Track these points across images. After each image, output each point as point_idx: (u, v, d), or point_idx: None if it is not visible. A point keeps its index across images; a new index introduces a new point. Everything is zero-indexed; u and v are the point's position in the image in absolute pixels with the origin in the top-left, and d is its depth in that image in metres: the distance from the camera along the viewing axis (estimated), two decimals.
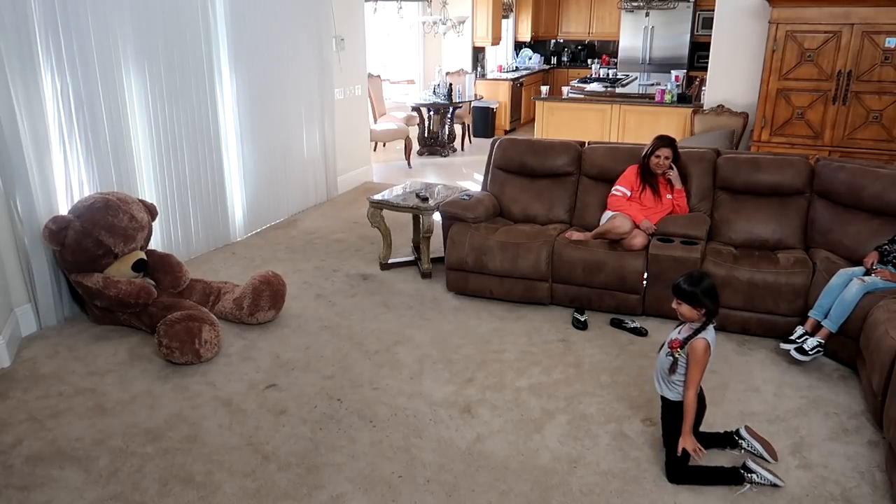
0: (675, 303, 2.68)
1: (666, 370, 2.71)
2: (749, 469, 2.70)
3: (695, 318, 2.65)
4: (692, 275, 2.66)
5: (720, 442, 2.91)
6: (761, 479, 2.67)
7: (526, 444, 2.98)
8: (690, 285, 2.61)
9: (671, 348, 2.69)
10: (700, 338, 2.61)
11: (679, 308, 2.67)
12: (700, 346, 2.60)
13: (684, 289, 2.62)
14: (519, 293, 4.35)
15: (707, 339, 2.62)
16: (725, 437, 2.91)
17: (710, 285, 2.63)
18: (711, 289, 2.63)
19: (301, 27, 6.04)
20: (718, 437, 2.92)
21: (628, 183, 4.38)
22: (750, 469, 2.70)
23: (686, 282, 2.63)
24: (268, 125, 5.82)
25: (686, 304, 2.64)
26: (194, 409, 3.24)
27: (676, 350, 2.66)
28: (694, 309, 2.63)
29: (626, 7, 10.71)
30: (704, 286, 2.61)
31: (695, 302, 2.61)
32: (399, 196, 4.98)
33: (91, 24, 4.09)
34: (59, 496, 2.67)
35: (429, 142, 9.14)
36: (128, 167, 4.49)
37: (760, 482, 2.67)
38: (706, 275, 2.68)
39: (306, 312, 4.29)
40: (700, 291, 2.60)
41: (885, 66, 5.45)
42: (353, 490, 2.70)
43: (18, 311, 3.92)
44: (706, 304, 2.61)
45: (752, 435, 2.87)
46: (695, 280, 2.63)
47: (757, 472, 2.69)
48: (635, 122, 7.19)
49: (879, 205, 3.95)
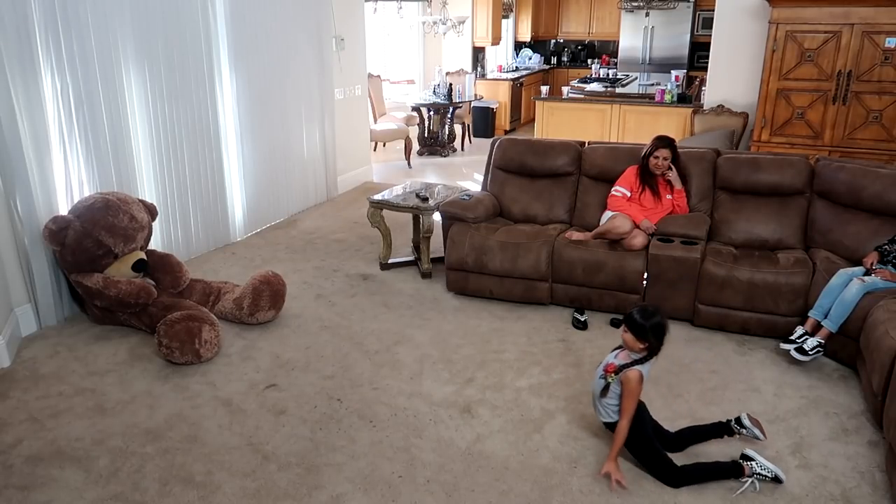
0: (623, 329, 2.75)
1: (599, 393, 2.78)
2: (748, 457, 2.70)
3: (635, 348, 2.70)
4: (646, 308, 2.72)
5: (716, 432, 2.91)
6: (762, 469, 2.67)
7: (526, 444, 2.98)
8: (642, 318, 2.67)
9: (605, 372, 2.74)
10: (635, 369, 2.67)
11: (624, 335, 2.74)
12: (634, 377, 2.66)
13: (635, 319, 2.68)
14: (519, 293, 4.35)
15: (642, 371, 2.67)
16: (720, 427, 2.91)
17: (660, 324, 2.67)
18: (660, 327, 2.67)
19: (301, 27, 6.04)
20: (713, 429, 2.92)
21: (628, 183, 4.38)
22: (749, 457, 2.70)
23: (639, 313, 2.70)
24: (268, 125, 5.83)
25: (632, 333, 2.70)
26: (194, 409, 3.24)
27: (610, 375, 2.72)
28: (637, 341, 2.68)
29: (626, 7, 10.71)
30: (654, 322, 2.66)
31: (641, 335, 2.67)
32: (399, 196, 4.98)
33: (91, 24, 4.09)
34: (59, 496, 2.67)
35: (429, 142, 9.14)
36: (128, 167, 4.49)
37: (762, 472, 2.66)
38: (660, 313, 2.73)
39: (306, 312, 4.29)
40: (648, 326, 2.66)
41: (885, 66, 5.45)
42: (353, 490, 2.71)
43: (18, 311, 3.92)
44: (651, 340, 2.67)
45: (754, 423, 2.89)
46: (648, 314, 2.68)
47: (757, 459, 2.69)
48: (635, 123, 7.19)
49: (879, 205, 3.95)
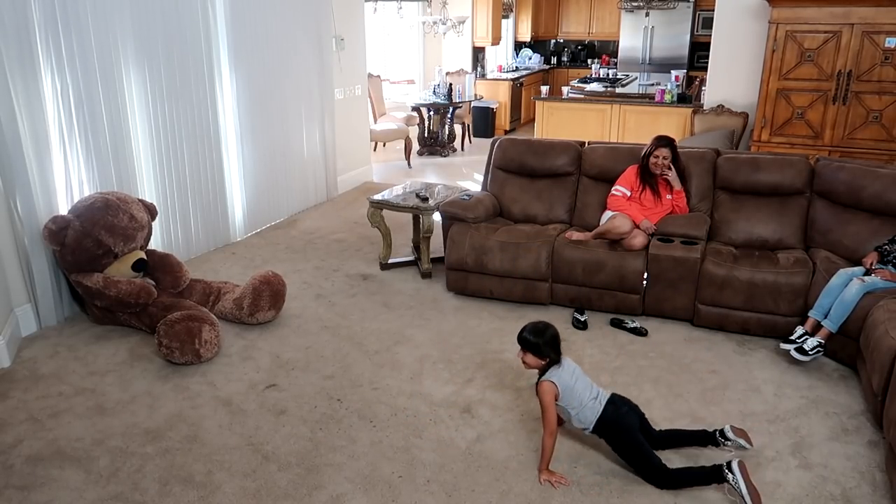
0: (520, 352, 2.80)
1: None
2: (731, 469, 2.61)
3: (538, 366, 2.78)
4: (536, 326, 2.79)
5: (699, 440, 2.88)
6: (735, 485, 2.56)
7: (526, 444, 2.98)
8: (535, 336, 2.74)
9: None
10: (544, 380, 2.73)
11: (524, 357, 2.79)
12: (542, 388, 2.74)
13: (531, 340, 2.74)
14: (519, 293, 4.35)
15: (551, 380, 2.72)
16: (705, 436, 2.87)
17: (553, 336, 2.77)
18: (554, 339, 2.77)
19: (301, 27, 6.04)
20: (696, 436, 2.89)
21: (628, 183, 4.38)
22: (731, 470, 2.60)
23: (531, 333, 2.76)
24: (268, 125, 5.83)
25: (531, 353, 2.76)
26: (194, 409, 3.24)
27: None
28: (537, 358, 2.76)
29: (626, 7, 10.71)
30: (548, 336, 2.74)
31: (539, 352, 2.74)
32: (399, 196, 4.97)
33: (91, 24, 4.09)
34: (59, 496, 2.67)
35: (429, 142, 9.14)
36: (128, 167, 4.49)
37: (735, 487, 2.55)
38: (549, 326, 2.80)
39: (306, 312, 4.29)
40: (543, 342, 2.73)
41: (885, 66, 5.45)
42: (353, 490, 2.70)
43: (18, 311, 3.92)
44: (549, 354, 2.75)
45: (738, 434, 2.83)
46: (538, 331, 2.75)
47: (735, 474, 2.58)
48: (635, 122, 7.19)
49: (879, 205, 3.95)
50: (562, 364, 2.78)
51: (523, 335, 2.78)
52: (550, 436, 2.73)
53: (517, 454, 2.92)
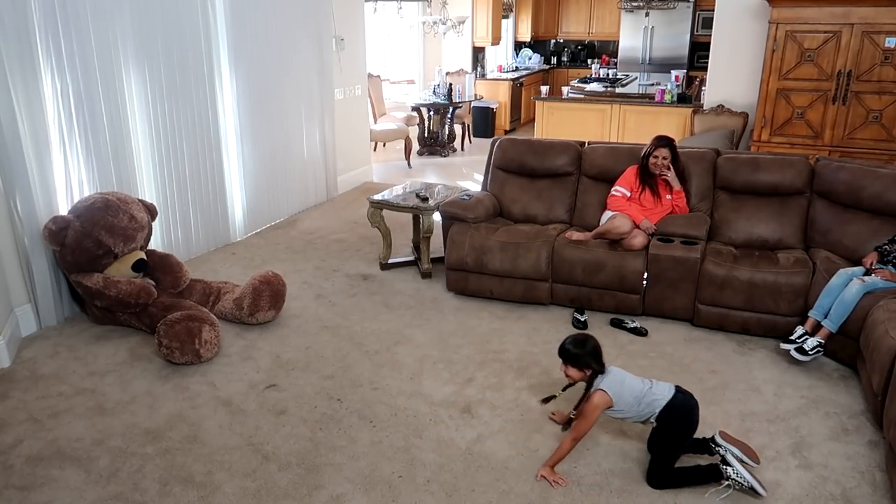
0: (562, 366, 2.80)
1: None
2: (727, 462, 2.66)
3: (582, 378, 2.76)
4: (577, 338, 2.78)
5: (696, 448, 2.84)
6: (736, 475, 2.61)
7: (526, 444, 2.98)
8: (576, 348, 2.73)
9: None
10: (596, 390, 2.71)
11: (566, 371, 2.78)
12: (593, 399, 2.70)
13: (573, 352, 2.73)
14: (519, 293, 4.35)
15: (599, 389, 2.70)
16: (701, 443, 2.84)
17: (594, 347, 2.76)
18: (595, 351, 2.75)
19: (301, 27, 6.04)
20: (693, 443, 2.85)
21: (628, 183, 4.38)
22: (727, 462, 2.65)
23: (572, 345, 2.75)
24: (268, 125, 5.83)
25: (571, 366, 2.75)
26: (194, 409, 3.24)
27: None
28: (579, 370, 2.74)
29: (626, 7, 10.71)
30: (589, 348, 2.73)
31: (581, 364, 2.73)
32: (399, 196, 4.98)
33: (91, 24, 4.09)
34: (59, 496, 2.67)
35: (429, 142, 9.14)
36: (128, 167, 4.49)
37: (736, 478, 2.60)
38: (590, 337, 2.80)
39: (306, 312, 4.29)
40: (583, 353, 2.72)
41: (885, 66, 5.45)
42: (353, 490, 2.70)
43: (18, 311, 3.92)
44: (591, 365, 2.73)
45: (728, 440, 2.78)
46: (579, 343, 2.74)
47: (734, 465, 2.63)
48: (635, 122, 7.19)
49: (879, 205, 3.95)
50: (607, 372, 2.75)
51: (564, 347, 2.77)
52: (574, 441, 2.71)
53: (517, 454, 2.92)
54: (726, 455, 2.69)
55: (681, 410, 2.71)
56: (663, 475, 2.71)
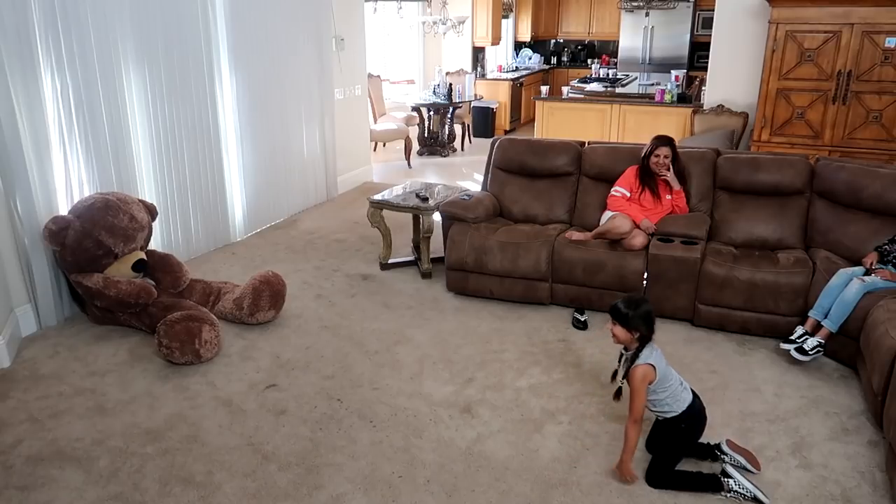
0: (610, 323, 2.72)
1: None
2: (727, 474, 2.66)
3: (629, 341, 2.68)
4: (632, 298, 2.71)
5: (701, 453, 2.85)
6: (739, 487, 2.61)
7: (526, 444, 2.98)
8: (627, 308, 2.66)
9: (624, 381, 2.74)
10: (637, 365, 2.63)
11: (613, 328, 2.71)
12: (637, 373, 2.63)
13: (623, 311, 2.66)
14: (519, 293, 4.35)
15: (648, 363, 2.63)
16: (706, 448, 2.84)
17: (648, 311, 2.67)
18: (648, 314, 2.66)
19: (301, 27, 6.04)
20: (698, 448, 2.85)
21: (627, 184, 4.38)
22: (728, 474, 2.65)
23: (625, 304, 2.68)
24: (268, 125, 5.83)
25: (620, 325, 2.68)
26: (194, 409, 3.24)
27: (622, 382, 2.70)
28: (627, 332, 2.67)
29: (626, 7, 10.71)
30: (642, 311, 2.66)
31: (629, 324, 2.65)
32: (399, 196, 4.98)
33: (91, 24, 4.09)
34: (59, 496, 2.67)
35: (429, 142, 9.14)
36: (128, 167, 4.49)
37: (739, 490, 2.61)
38: (645, 300, 2.73)
39: (306, 312, 4.29)
40: (636, 315, 2.64)
41: (885, 66, 5.45)
42: (353, 490, 2.70)
43: (18, 311, 3.92)
44: (640, 329, 2.65)
45: (734, 449, 2.79)
46: (633, 303, 2.67)
47: (735, 477, 2.64)
48: (635, 122, 7.19)
49: (879, 205, 3.95)
50: (653, 346, 2.67)
51: (616, 305, 2.67)
52: (636, 424, 2.63)
53: (517, 454, 2.92)
54: (726, 467, 2.68)
55: (696, 416, 2.72)
56: (664, 475, 2.71)
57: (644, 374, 2.62)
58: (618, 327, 2.69)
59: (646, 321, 2.65)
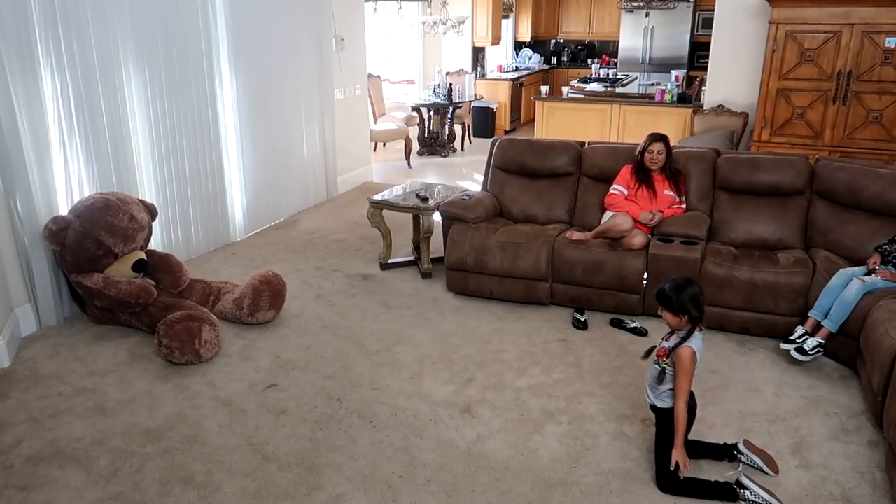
0: (660, 309, 2.67)
1: (655, 379, 2.70)
2: (742, 485, 2.63)
3: (679, 324, 2.64)
4: (677, 281, 2.64)
5: (717, 454, 2.84)
6: (756, 498, 2.59)
7: (526, 444, 2.98)
8: (673, 292, 2.60)
9: (658, 357, 2.68)
10: (686, 346, 2.59)
11: (664, 314, 2.66)
12: (686, 354, 2.58)
13: (668, 295, 2.61)
14: (519, 293, 4.35)
15: (693, 347, 2.59)
16: (723, 449, 2.84)
17: (695, 293, 2.60)
18: (696, 296, 2.60)
19: (301, 27, 6.04)
20: (715, 449, 2.85)
21: (624, 181, 4.39)
22: (743, 485, 2.63)
23: (670, 288, 2.62)
24: (268, 125, 5.83)
25: (669, 311, 2.63)
26: (194, 409, 3.24)
27: (663, 360, 2.65)
28: (677, 316, 2.62)
29: (626, 7, 10.71)
30: (689, 294, 2.59)
31: (678, 309, 2.60)
32: (399, 196, 4.98)
33: (91, 24, 4.09)
34: (59, 496, 2.67)
35: (429, 142, 9.14)
36: (128, 167, 4.49)
37: (754, 500, 2.59)
38: (691, 281, 2.66)
39: (306, 312, 4.29)
40: (683, 299, 2.58)
41: (885, 66, 5.45)
42: (353, 490, 2.70)
43: (18, 311, 3.92)
44: (690, 311, 2.59)
45: (751, 449, 2.80)
46: (678, 287, 2.61)
47: (751, 488, 2.62)
48: (635, 122, 7.19)
49: (879, 205, 3.95)
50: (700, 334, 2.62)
51: (663, 289, 2.62)
52: (684, 404, 2.59)
53: (517, 454, 2.92)
54: (741, 478, 2.66)
55: (692, 409, 2.70)
56: (672, 479, 2.66)
57: (690, 355, 2.58)
58: (667, 313, 2.64)
59: (694, 303, 2.59)
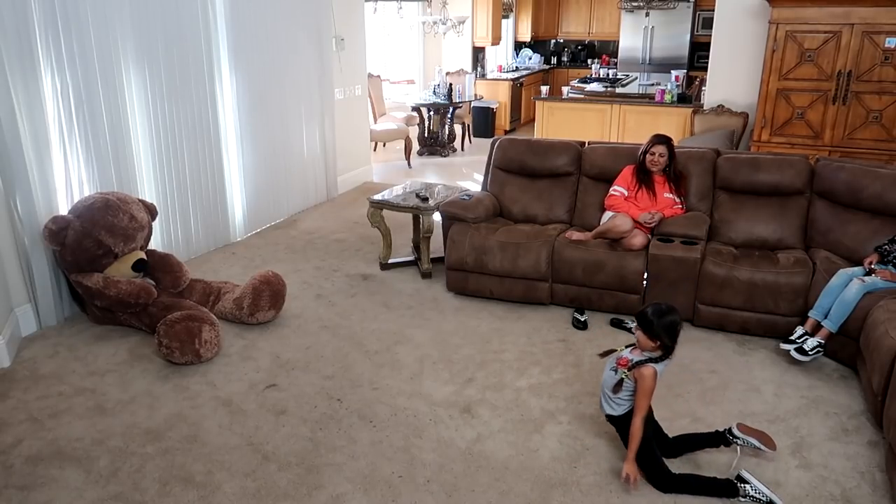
0: (636, 327, 2.68)
1: (611, 388, 2.70)
2: (743, 479, 2.64)
3: (650, 348, 2.63)
4: (661, 307, 2.63)
5: (711, 442, 2.85)
6: (756, 493, 2.60)
7: (526, 444, 2.98)
8: (654, 316, 2.59)
9: (618, 365, 2.68)
10: (650, 366, 2.60)
11: (637, 334, 2.66)
12: (649, 373, 2.59)
13: (649, 318, 2.60)
14: (519, 293, 4.35)
15: (657, 368, 2.60)
16: (717, 436, 2.85)
17: (674, 322, 2.59)
18: (673, 325, 2.59)
19: (301, 27, 6.04)
20: (709, 438, 2.86)
21: (625, 182, 4.39)
22: (744, 479, 2.64)
23: (652, 312, 2.61)
24: (268, 125, 5.83)
25: (645, 333, 2.62)
26: (194, 409, 3.24)
27: (622, 369, 2.65)
28: (651, 340, 2.61)
29: (626, 7, 10.71)
30: (667, 321, 2.58)
31: (654, 334, 2.59)
32: (399, 196, 4.98)
33: (91, 23, 4.09)
34: (59, 496, 2.67)
35: (429, 142, 9.14)
36: (128, 167, 4.49)
37: (755, 495, 2.60)
38: (674, 310, 2.63)
39: (306, 312, 4.29)
40: (661, 325, 2.57)
41: (885, 66, 5.45)
42: (353, 490, 2.71)
43: (18, 311, 3.92)
44: (663, 339, 2.59)
45: (746, 431, 2.79)
46: (660, 312, 2.60)
47: (751, 482, 2.62)
48: (635, 123, 7.19)
49: (879, 205, 3.95)
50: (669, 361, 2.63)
51: (644, 310, 2.62)
52: (642, 419, 2.61)
53: (517, 454, 2.92)
54: (742, 472, 2.66)
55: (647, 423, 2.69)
56: (661, 476, 2.67)
57: (652, 374, 2.59)
58: (640, 332, 2.63)
59: (669, 332, 2.58)
